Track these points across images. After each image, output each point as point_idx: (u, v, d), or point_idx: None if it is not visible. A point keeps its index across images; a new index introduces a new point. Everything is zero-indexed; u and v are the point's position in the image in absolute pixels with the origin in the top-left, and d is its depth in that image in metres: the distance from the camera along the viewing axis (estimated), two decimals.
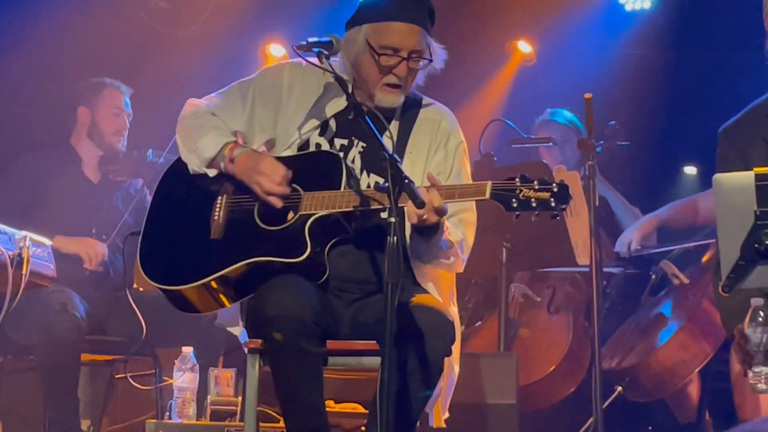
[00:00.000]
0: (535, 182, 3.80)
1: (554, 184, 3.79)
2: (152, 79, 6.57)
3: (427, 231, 3.96)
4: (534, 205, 3.78)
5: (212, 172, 4.18)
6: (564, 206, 3.79)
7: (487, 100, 7.50)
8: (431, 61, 4.14)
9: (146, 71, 6.68)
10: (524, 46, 7.47)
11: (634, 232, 5.96)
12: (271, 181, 4.02)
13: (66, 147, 6.01)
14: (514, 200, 3.79)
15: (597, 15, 7.41)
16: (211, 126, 4.19)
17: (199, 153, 4.16)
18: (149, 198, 5.90)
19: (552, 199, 3.78)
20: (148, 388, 5.49)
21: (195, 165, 4.19)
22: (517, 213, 3.80)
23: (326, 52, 4.02)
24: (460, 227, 4.11)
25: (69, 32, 6.86)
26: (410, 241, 4.06)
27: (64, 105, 6.09)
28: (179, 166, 4.26)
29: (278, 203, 4.03)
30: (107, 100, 6.01)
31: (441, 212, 3.84)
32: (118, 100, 6.04)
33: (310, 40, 4.05)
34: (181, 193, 4.24)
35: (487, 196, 3.83)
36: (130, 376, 5.46)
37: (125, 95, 6.07)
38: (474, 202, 4.14)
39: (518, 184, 3.80)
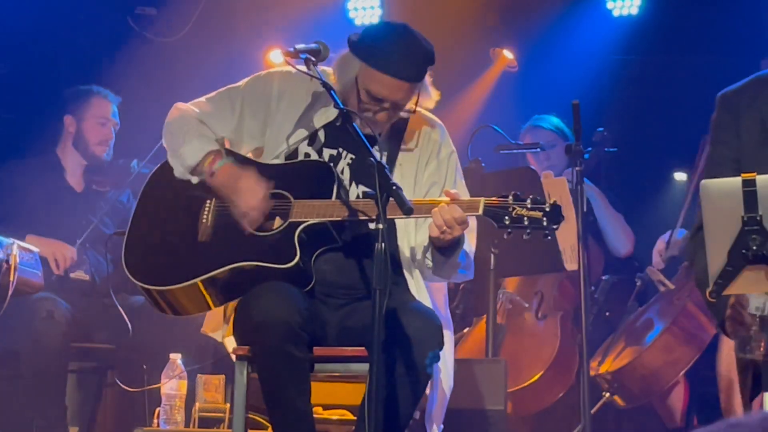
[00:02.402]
0: (528, 201, 3.81)
1: (547, 204, 3.80)
2: (139, 86, 6.56)
3: (449, 249, 3.96)
4: (526, 223, 3.79)
5: (195, 180, 4.17)
6: (556, 226, 3.80)
7: (473, 105, 7.50)
8: (413, 112, 4.13)
9: (134, 78, 6.67)
10: (509, 52, 7.48)
11: (653, 254, 6.09)
12: (246, 202, 3.99)
13: (50, 155, 6.00)
14: (506, 218, 3.80)
15: (585, 20, 7.41)
16: (195, 133, 4.17)
17: (181, 160, 4.15)
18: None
19: (544, 219, 3.78)
20: (136, 390, 5.48)
21: (178, 172, 4.18)
22: (509, 230, 3.80)
23: (313, 59, 4.02)
24: (466, 235, 4.08)
25: (55, 37, 6.86)
26: (431, 263, 4.06)
27: (49, 112, 6.08)
28: (168, 167, 4.24)
29: (249, 229, 4.00)
30: (94, 109, 5.99)
31: (464, 224, 3.84)
32: (105, 109, 6.01)
33: (298, 46, 4.04)
34: (169, 195, 4.22)
35: (480, 212, 3.84)
36: (119, 382, 5.46)
37: (113, 104, 6.04)
38: None
39: (511, 201, 3.80)
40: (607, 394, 5.81)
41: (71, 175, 5.99)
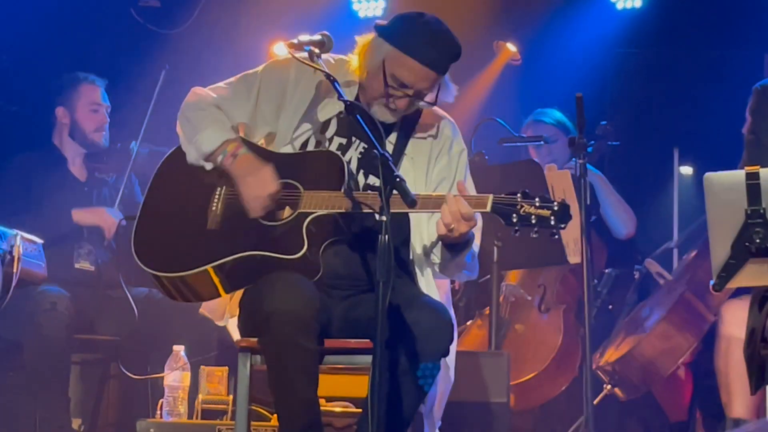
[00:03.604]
0: (537, 199, 3.78)
1: (555, 203, 3.77)
2: (143, 79, 6.56)
3: (458, 247, 3.95)
4: (533, 222, 3.77)
5: (209, 166, 4.15)
6: (563, 225, 3.77)
7: (476, 98, 7.50)
8: (433, 104, 4.13)
9: (137, 70, 6.68)
10: (513, 45, 7.48)
11: None
12: (256, 197, 3.99)
13: (47, 148, 6.01)
14: (514, 216, 3.77)
15: (588, 14, 7.41)
16: (212, 119, 4.15)
17: (197, 146, 4.12)
18: (137, 189, 5.95)
19: (552, 218, 3.76)
20: (139, 377, 5.49)
21: (192, 158, 4.15)
22: (516, 228, 3.79)
23: (317, 51, 4.01)
24: (474, 235, 4.05)
25: (59, 29, 6.86)
26: (438, 260, 4.06)
27: (45, 104, 6.09)
28: (178, 154, 4.22)
29: (256, 213, 4.01)
30: (84, 96, 5.99)
31: (470, 221, 3.82)
32: (95, 95, 6.01)
33: (302, 38, 4.04)
34: (179, 181, 4.19)
35: (488, 209, 3.81)
36: (123, 369, 5.48)
37: (101, 88, 6.04)
38: None
39: (519, 199, 3.78)
40: (608, 387, 5.81)
41: (73, 164, 5.99)
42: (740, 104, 4.42)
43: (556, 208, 3.78)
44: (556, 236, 3.84)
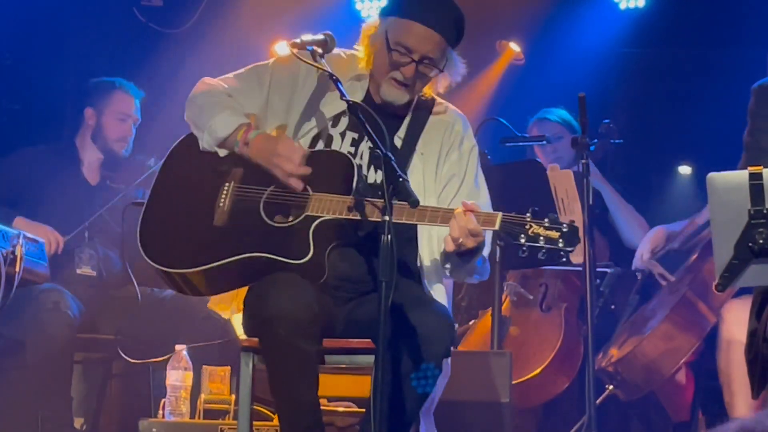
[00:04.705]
0: (546, 219, 3.75)
1: (564, 225, 3.75)
2: (145, 77, 6.56)
3: (468, 254, 3.94)
4: (542, 243, 3.75)
5: (222, 152, 4.13)
6: (571, 249, 3.74)
7: (480, 98, 7.50)
8: (441, 71, 4.12)
9: (140, 69, 6.68)
10: (516, 45, 7.48)
11: (645, 245, 6.03)
12: (291, 162, 3.99)
13: (65, 145, 5.98)
14: (522, 236, 3.76)
15: (591, 13, 7.41)
16: (225, 105, 4.14)
17: (211, 131, 4.10)
18: None
19: (560, 240, 3.75)
20: (143, 361, 5.49)
21: (206, 143, 4.13)
22: (524, 249, 3.77)
23: (320, 51, 4.01)
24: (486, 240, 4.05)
25: (62, 28, 6.86)
26: (450, 265, 4.05)
27: (61, 102, 6.08)
28: (187, 145, 4.21)
29: (299, 185, 3.99)
30: (115, 104, 5.94)
31: (478, 237, 3.81)
32: (127, 104, 5.96)
33: (304, 38, 4.04)
34: (186, 175, 4.18)
35: (497, 227, 3.80)
36: (125, 371, 5.47)
37: (136, 99, 5.98)
38: (489, 201, 4.16)
39: (528, 219, 3.76)
40: (611, 387, 5.81)
41: (87, 167, 5.96)
42: (742, 104, 4.42)
43: (565, 230, 3.75)
44: (564, 259, 3.83)
